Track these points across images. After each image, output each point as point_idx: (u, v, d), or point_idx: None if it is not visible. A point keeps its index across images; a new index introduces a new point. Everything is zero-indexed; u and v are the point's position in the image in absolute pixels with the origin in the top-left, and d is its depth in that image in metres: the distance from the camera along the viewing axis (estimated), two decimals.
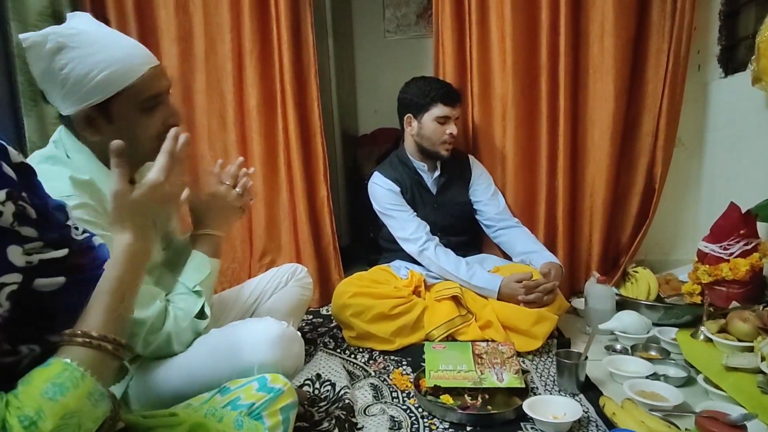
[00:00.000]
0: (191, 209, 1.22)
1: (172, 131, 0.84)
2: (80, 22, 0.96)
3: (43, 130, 1.96)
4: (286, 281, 1.50)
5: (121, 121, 0.97)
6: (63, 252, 0.62)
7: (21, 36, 0.91)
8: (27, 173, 0.61)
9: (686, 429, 1.05)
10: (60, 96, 0.94)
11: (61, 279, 0.61)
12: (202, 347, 1.06)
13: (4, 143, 0.59)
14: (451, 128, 1.77)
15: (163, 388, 1.04)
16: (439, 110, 1.76)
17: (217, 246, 1.18)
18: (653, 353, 1.48)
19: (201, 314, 1.08)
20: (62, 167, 0.94)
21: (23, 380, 0.55)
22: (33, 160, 0.99)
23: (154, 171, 0.80)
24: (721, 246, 1.58)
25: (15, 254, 0.56)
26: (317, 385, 1.34)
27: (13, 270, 0.55)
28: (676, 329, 1.53)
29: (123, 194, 0.74)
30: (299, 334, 1.12)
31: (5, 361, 0.57)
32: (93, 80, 0.91)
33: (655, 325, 1.63)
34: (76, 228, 0.66)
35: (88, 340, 0.59)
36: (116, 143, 0.75)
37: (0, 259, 0.54)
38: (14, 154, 0.60)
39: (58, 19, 1.97)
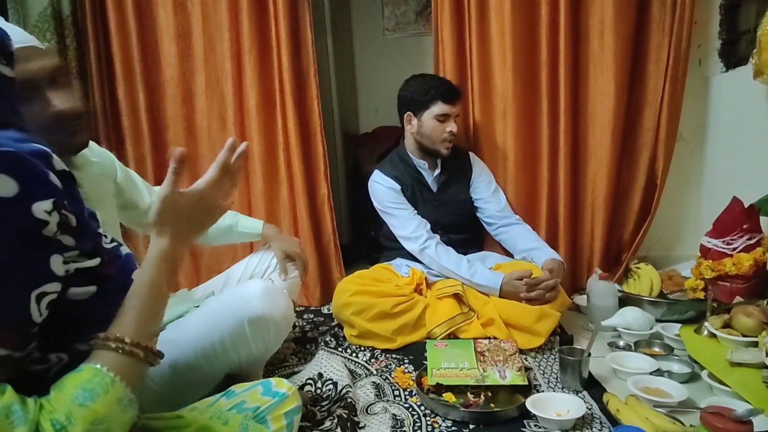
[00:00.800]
0: None
1: (229, 141, 0.77)
2: None
3: None
4: (275, 264, 1.50)
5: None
6: (96, 261, 0.62)
7: None
8: (68, 180, 0.61)
9: (691, 425, 1.04)
10: None
11: (93, 288, 0.61)
12: (192, 317, 1.08)
13: (48, 150, 0.59)
14: (451, 126, 1.76)
15: (164, 363, 1.04)
16: (439, 108, 1.75)
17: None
18: (657, 349, 1.47)
19: None
20: None
21: (56, 385, 0.55)
22: None
23: (202, 181, 0.76)
24: (724, 241, 1.57)
25: (57, 263, 0.56)
26: (319, 384, 1.34)
27: (54, 279, 0.56)
28: (680, 325, 1.53)
29: (169, 199, 0.71)
30: (284, 290, 1.16)
31: (35, 368, 0.57)
32: None
33: (659, 321, 1.62)
34: (105, 236, 0.67)
35: (120, 345, 0.59)
36: (177, 151, 0.72)
37: (44, 269, 0.55)
38: (57, 161, 0.60)
39: (59, 20, 1.97)
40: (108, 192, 1.16)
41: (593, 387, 1.29)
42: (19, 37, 0.83)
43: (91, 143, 1.13)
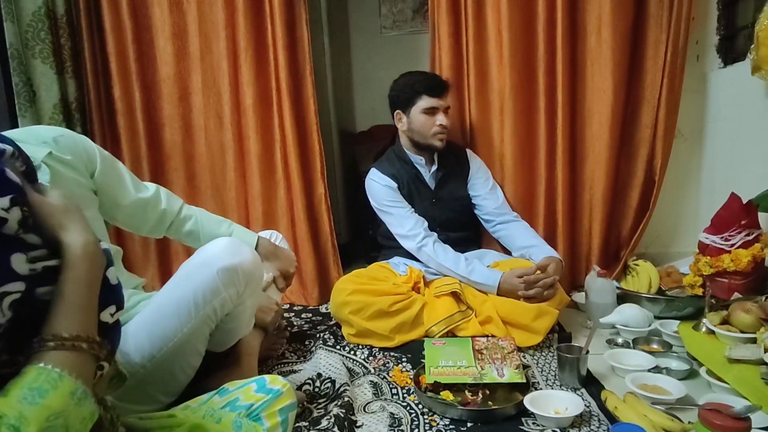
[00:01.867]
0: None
1: None
2: None
3: None
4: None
5: None
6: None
7: None
8: (31, 178, 0.60)
9: (689, 422, 1.04)
10: None
11: None
12: (164, 286, 1.10)
13: (6, 147, 0.58)
14: (441, 119, 1.76)
15: (138, 336, 1.04)
16: (424, 102, 1.75)
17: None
18: (655, 346, 1.47)
19: None
20: None
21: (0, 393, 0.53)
22: None
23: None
24: (722, 237, 1.56)
25: (19, 262, 0.55)
26: (317, 383, 1.33)
27: (16, 278, 0.54)
28: (678, 322, 1.52)
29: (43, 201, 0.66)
30: (250, 247, 1.18)
31: (3, 372, 0.56)
32: None
33: (657, 318, 1.62)
34: None
35: (60, 342, 0.57)
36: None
37: (3, 268, 0.53)
38: (14, 160, 0.59)
39: (54, 19, 1.96)
40: (83, 190, 1.12)
41: (591, 384, 1.29)
42: None
43: (67, 139, 1.09)
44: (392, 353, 1.55)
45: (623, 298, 1.71)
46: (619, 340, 1.53)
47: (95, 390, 0.60)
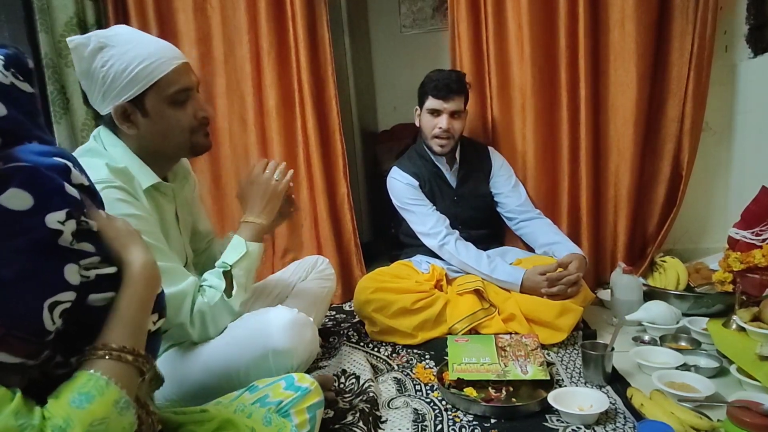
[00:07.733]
0: (239, 199, 1.26)
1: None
2: (119, 27, 1.06)
3: (73, 137, 2.04)
4: (307, 274, 1.52)
5: (155, 115, 1.04)
6: (115, 268, 0.64)
7: (68, 39, 1.00)
8: (90, 192, 0.64)
9: (718, 420, 1.02)
10: (100, 94, 1.01)
11: (112, 294, 0.63)
12: (218, 339, 1.09)
13: (69, 164, 0.61)
14: (442, 122, 1.75)
15: (184, 379, 1.07)
16: (430, 103, 1.76)
17: (258, 232, 1.18)
18: (683, 344, 1.45)
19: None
20: (99, 158, 1.01)
21: (52, 395, 0.57)
22: (76, 153, 1.05)
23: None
24: (752, 232, 1.53)
25: (71, 273, 0.57)
26: (342, 379, 1.36)
27: (68, 288, 0.57)
28: (707, 319, 1.49)
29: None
30: (311, 320, 1.13)
31: (58, 372, 0.59)
32: (130, 75, 0.98)
33: (685, 315, 1.59)
34: None
35: (107, 351, 0.61)
36: None
37: (57, 278, 0.56)
38: (76, 176, 0.62)
39: (84, 28, 2.04)
40: (190, 202, 1.25)
41: (617, 382, 1.28)
42: (179, 55, 1.08)
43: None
44: (415, 350, 1.57)
45: (650, 295, 1.68)
46: (646, 338, 1.51)
47: (139, 394, 0.64)
